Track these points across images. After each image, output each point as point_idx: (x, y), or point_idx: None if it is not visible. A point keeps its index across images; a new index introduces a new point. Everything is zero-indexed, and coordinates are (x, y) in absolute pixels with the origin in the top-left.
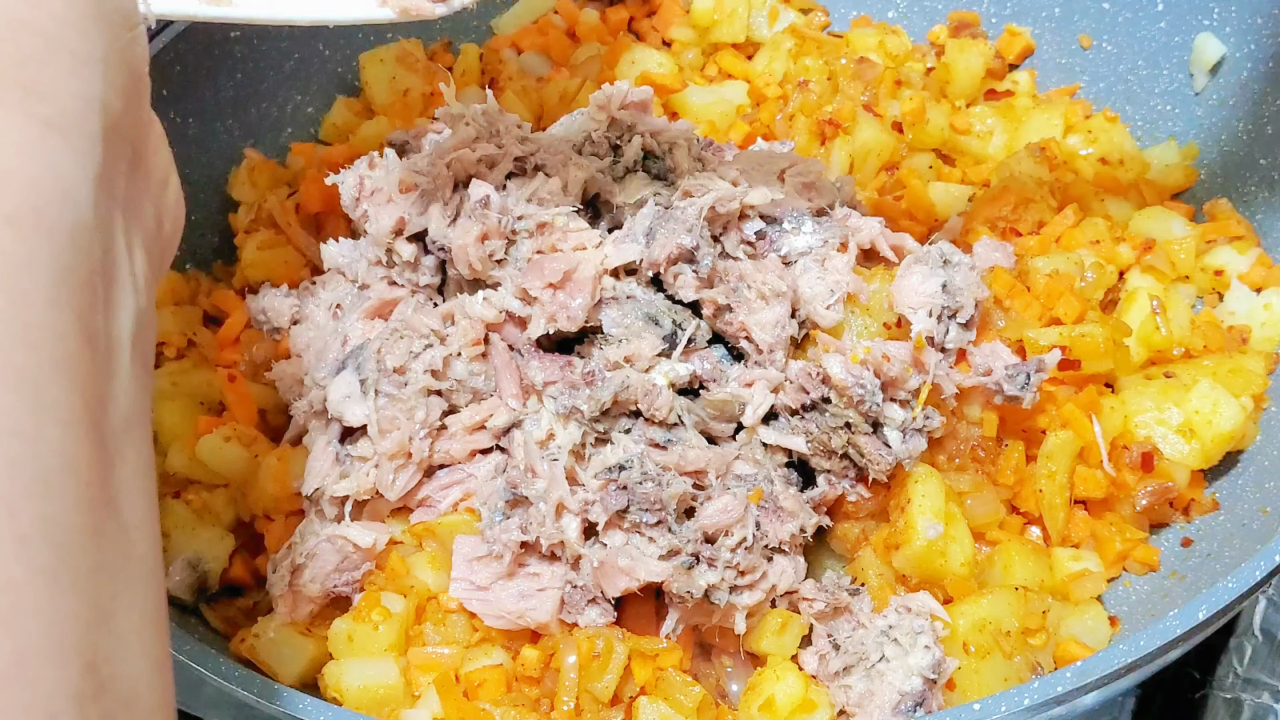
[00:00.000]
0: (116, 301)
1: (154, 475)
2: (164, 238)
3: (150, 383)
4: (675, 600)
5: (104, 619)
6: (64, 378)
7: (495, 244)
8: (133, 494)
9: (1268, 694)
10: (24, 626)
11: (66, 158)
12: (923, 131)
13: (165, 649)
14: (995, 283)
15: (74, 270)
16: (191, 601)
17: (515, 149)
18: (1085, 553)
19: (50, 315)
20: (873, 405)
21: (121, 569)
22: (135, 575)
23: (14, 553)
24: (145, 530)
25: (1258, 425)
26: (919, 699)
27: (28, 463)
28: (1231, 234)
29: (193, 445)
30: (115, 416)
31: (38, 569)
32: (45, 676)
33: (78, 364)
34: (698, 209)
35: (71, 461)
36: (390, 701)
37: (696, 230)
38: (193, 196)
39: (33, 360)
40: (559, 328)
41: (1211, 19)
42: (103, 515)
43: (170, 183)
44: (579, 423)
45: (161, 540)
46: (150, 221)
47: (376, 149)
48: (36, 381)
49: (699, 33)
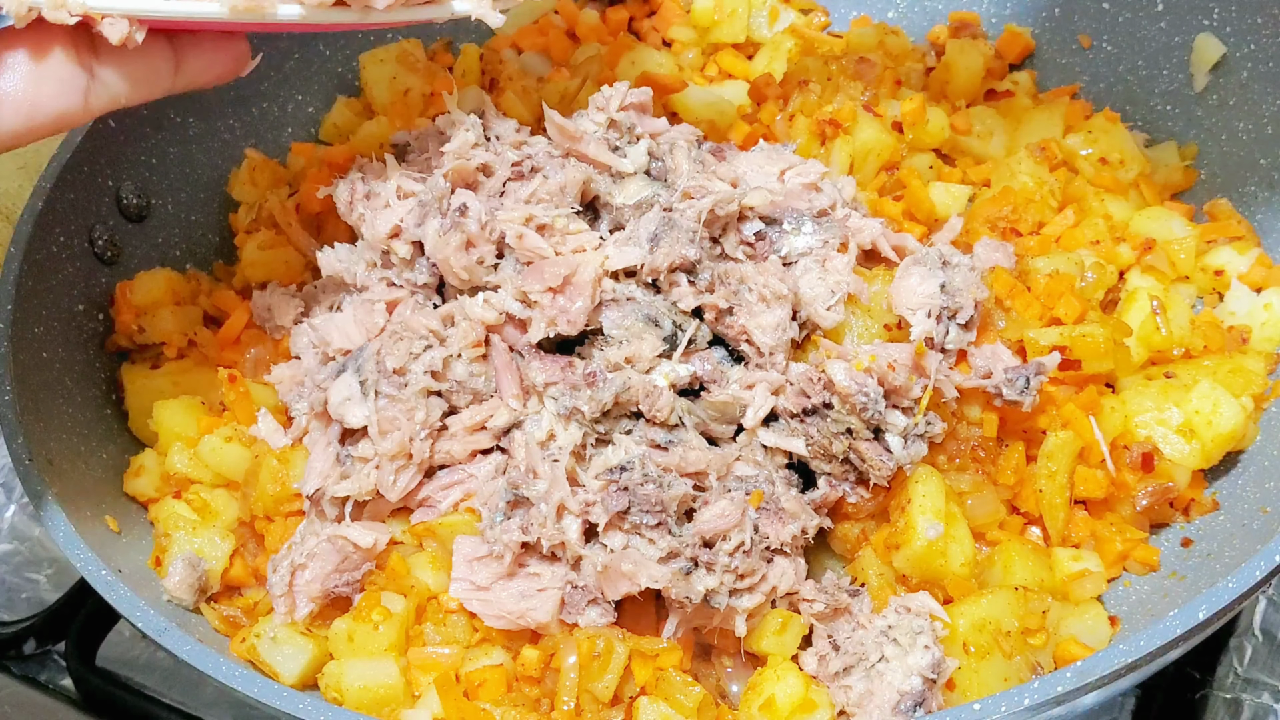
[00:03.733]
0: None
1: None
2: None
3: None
4: (675, 605)
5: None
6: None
7: (484, 250)
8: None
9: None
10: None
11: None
12: (923, 131)
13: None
14: (995, 283)
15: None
16: (191, 601)
17: (512, 154)
18: (1085, 553)
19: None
20: (875, 412)
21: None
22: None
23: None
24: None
25: (1258, 425)
26: (919, 699)
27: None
28: (1231, 234)
29: (193, 445)
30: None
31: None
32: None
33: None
34: (697, 212)
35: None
36: (390, 701)
37: (698, 242)
38: (193, 196)
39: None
40: (559, 331)
41: (1211, 19)
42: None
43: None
44: (580, 423)
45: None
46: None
47: (377, 149)
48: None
49: (699, 33)
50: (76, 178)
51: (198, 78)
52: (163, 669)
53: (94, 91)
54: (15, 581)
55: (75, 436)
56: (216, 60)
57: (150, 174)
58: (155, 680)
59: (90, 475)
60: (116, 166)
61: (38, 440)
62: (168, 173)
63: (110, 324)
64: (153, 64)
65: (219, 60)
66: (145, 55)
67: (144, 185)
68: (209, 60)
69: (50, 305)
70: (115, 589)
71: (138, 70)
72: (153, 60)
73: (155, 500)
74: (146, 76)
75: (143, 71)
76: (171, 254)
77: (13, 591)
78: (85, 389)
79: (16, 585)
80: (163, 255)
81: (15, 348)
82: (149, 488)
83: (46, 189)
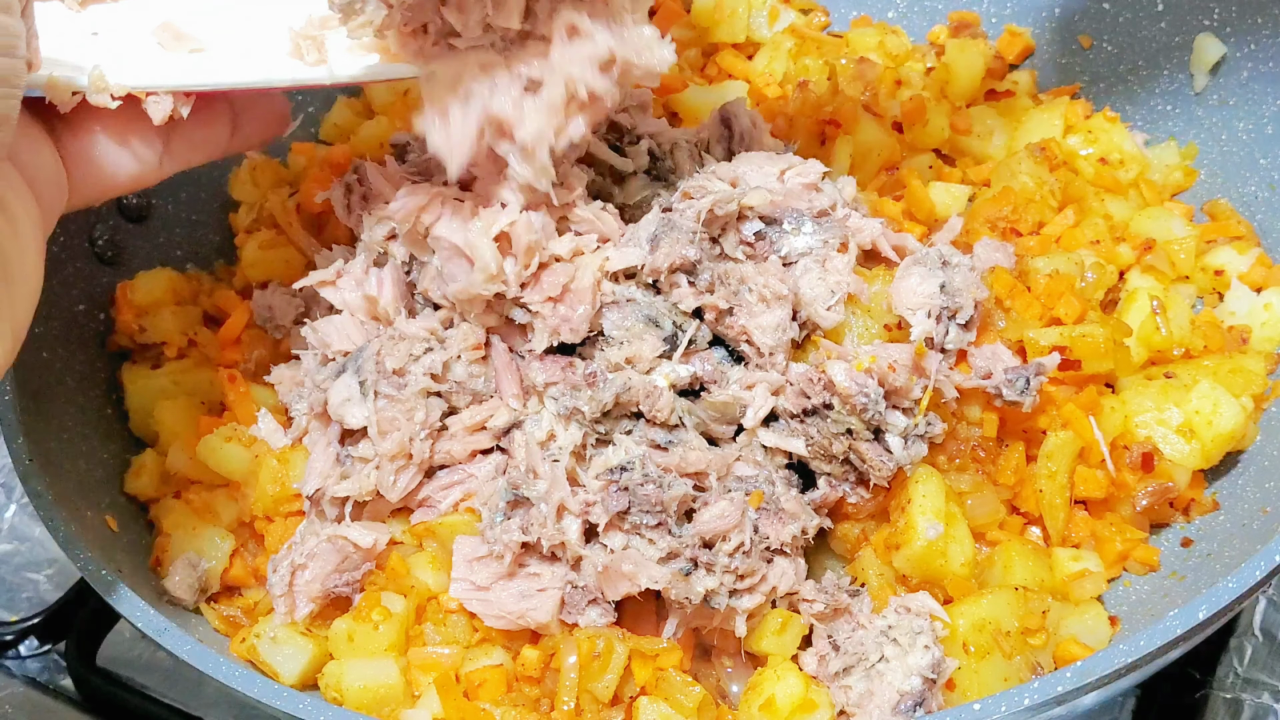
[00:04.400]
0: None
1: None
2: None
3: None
4: (675, 605)
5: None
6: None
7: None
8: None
9: (1268, 694)
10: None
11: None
12: (923, 131)
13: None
14: (995, 283)
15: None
16: (191, 601)
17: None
18: (1085, 553)
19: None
20: (875, 413)
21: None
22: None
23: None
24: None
25: (1258, 425)
26: (919, 699)
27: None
28: (1231, 234)
29: (193, 445)
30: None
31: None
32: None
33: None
34: (696, 212)
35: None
36: (390, 701)
37: (698, 243)
38: (193, 196)
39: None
40: (563, 340)
41: (1211, 19)
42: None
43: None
44: (580, 424)
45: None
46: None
47: (377, 149)
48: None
49: (699, 33)
50: None
51: (252, 138)
52: (163, 669)
53: (166, 161)
54: (15, 581)
55: (75, 436)
56: (269, 123)
57: None
58: (155, 680)
59: (90, 475)
60: None
61: (38, 440)
62: None
63: (111, 324)
64: (216, 130)
65: (269, 122)
66: (209, 123)
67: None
68: (262, 121)
69: (50, 305)
70: (115, 589)
71: (204, 135)
72: (216, 126)
73: (155, 500)
74: (210, 140)
75: (208, 135)
76: (172, 254)
77: (13, 591)
78: (85, 389)
79: (16, 585)
80: (163, 255)
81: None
82: (149, 488)
83: None
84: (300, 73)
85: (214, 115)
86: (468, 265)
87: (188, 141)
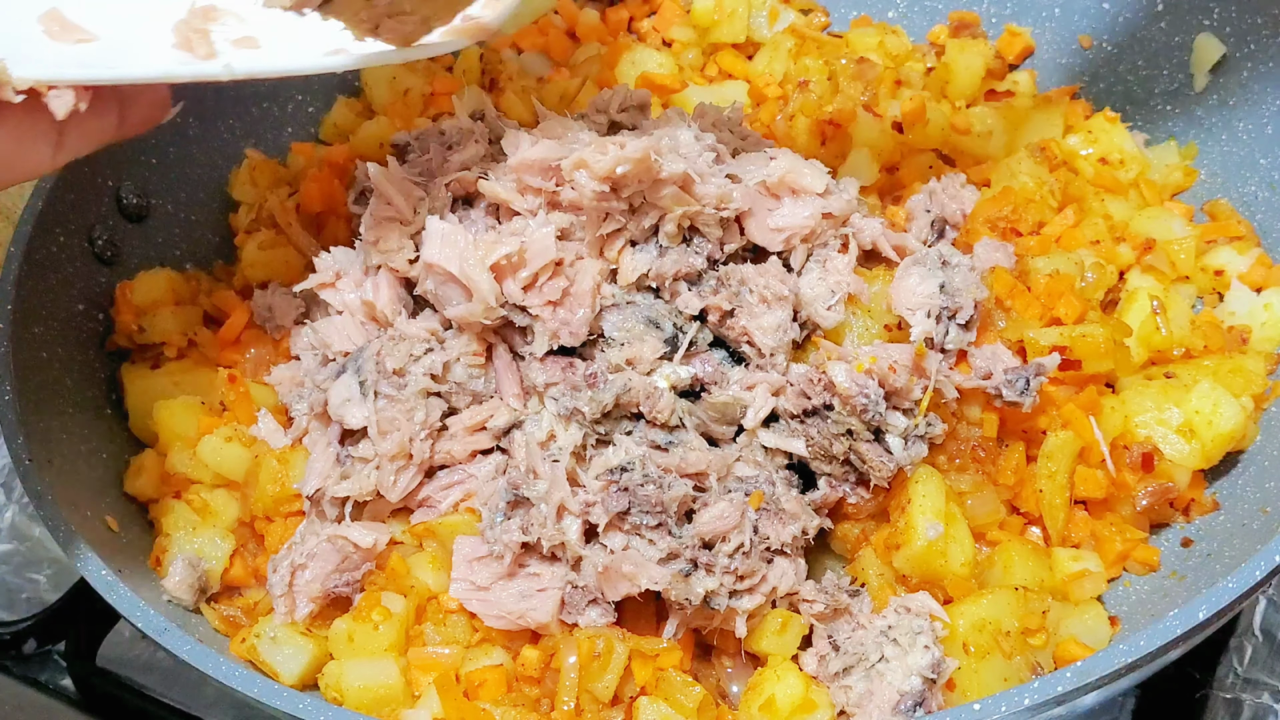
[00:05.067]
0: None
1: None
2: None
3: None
4: (675, 606)
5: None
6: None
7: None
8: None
9: (1268, 694)
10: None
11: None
12: (923, 131)
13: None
14: (995, 283)
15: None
16: (191, 602)
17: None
18: (1085, 553)
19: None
20: (875, 414)
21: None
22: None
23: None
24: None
25: (1258, 425)
26: (918, 699)
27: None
28: (1231, 234)
29: (193, 445)
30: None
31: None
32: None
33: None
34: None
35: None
36: (390, 701)
37: (704, 253)
38: (193, 196)
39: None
40: (563, 343)
41: (1211, 19)
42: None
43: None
44: (580, 424)
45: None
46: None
47: (376, 149)
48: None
49: (699, 33)
50: (76, 178)
51: (138, 125)
52: (163, 669)
53: (61, 149)
54: (15, 581)
55: (75, 436)
56: (152, 109)
57: (150, 174)
58: (155, 680)
59: (90, 475)
60: (116, 166)
61: (38, 440)
62: (168, 173)
63: (110, 324)
64: (106, 120)
65: (152, 109)
66: (101, 113)
67: (144, 185)
68: (145, 110)
69: (50, 305)
70: (115, 589)
71: (95, 125)
72: (107, 116)
73: (155, 500)
74: (101, 129)
75: (99, 125)
76: (171, 254)
77: (13, 591)
78: (85, 389)
79: (16, 585)
80: (163, 255)
81: (15, 348)
82: (149, 488)
83: (46, 189)
84: (194, 66)
85: (104, 105)
86: (464, 293)
87: (80, 131)
